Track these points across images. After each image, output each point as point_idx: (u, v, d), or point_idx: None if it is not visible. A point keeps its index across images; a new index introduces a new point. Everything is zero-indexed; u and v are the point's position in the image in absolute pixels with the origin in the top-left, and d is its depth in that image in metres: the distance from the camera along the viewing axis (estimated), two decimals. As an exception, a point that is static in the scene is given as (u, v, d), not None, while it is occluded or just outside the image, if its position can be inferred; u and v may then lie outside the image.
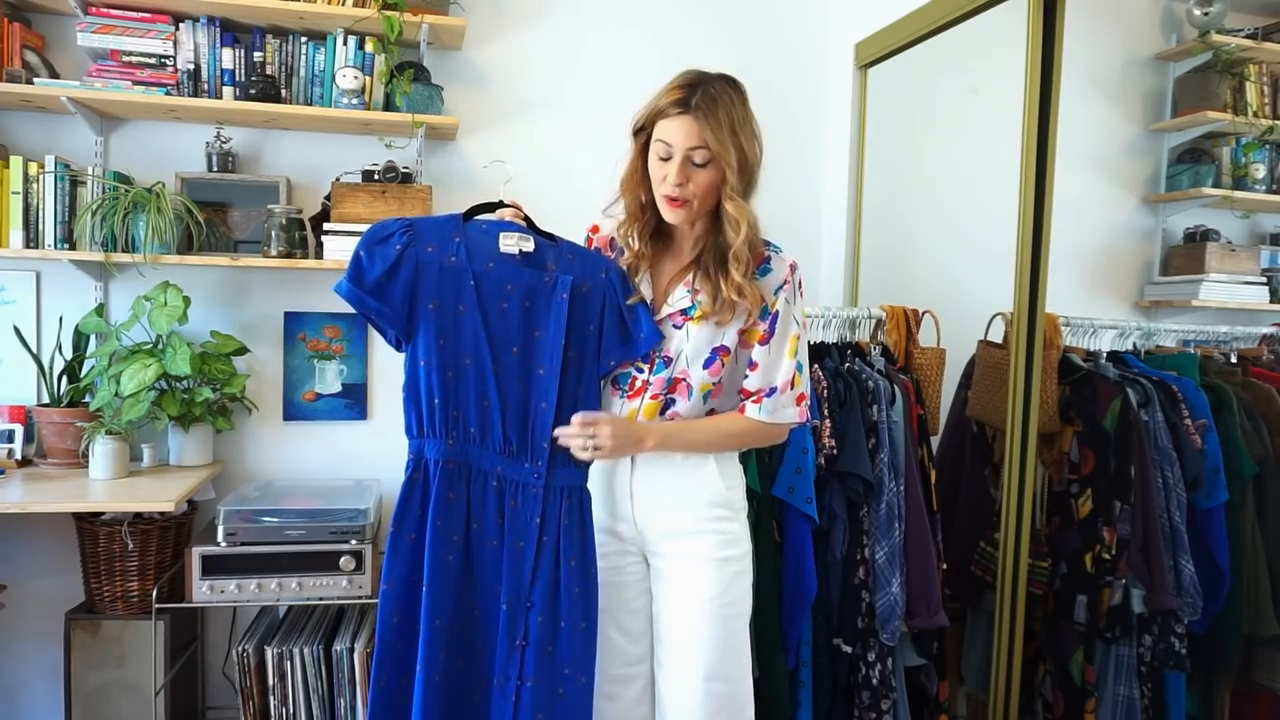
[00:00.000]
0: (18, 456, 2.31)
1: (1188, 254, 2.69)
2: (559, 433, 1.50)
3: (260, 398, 2.54)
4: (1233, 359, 2.39)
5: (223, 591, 2.11)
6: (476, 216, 1.56)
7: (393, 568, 1.49)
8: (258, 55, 2.40)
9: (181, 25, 2.34)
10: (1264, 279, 2.68)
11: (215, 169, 2.41)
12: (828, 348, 2.24)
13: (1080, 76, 2.56)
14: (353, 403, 2.60)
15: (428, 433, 1.50)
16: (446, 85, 2.52)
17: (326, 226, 2.34)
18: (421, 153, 2.53)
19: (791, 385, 1.55)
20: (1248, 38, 2.63)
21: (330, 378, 2.59)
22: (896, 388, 2.12)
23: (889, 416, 2.08)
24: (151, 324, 2.26)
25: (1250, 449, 2.18)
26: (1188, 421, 2.15)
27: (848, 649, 2.05)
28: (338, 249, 2.32)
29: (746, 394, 1.56)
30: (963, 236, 2.60)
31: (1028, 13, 1.96)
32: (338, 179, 2.38)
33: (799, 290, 1.58)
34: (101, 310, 2.40)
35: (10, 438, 2.32)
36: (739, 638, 1.58)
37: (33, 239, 2.23)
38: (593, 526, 1.56)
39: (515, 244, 1.52)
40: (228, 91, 2.38)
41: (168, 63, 2.32)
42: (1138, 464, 2.05)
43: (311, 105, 2.41)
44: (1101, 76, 2.71)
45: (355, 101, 2.37)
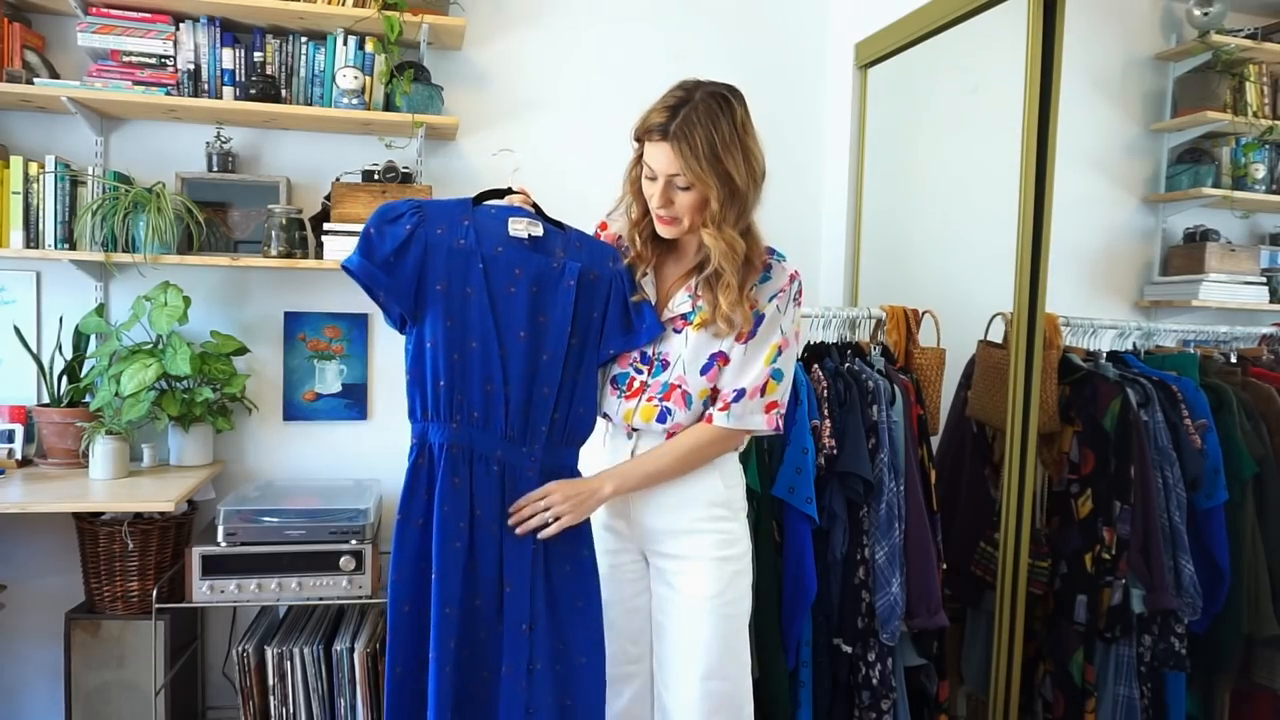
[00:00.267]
0: (18, 456, 2.31)
1: (1188, 254, 2.69)
2: (515, 523, 1.49)
3: (260, 398, 2.54)
4: (1232, 359, 2.39)
5: (223, 591, 2.11)
6: (485, 202, 1.56)
7: (401, 555, 1.47)
8: (258, 55, 2.40)
9: (181, 25, 2.35)
10: (1264, 279, 2.69)
11: (215, 169, 2.41)
12: (828, 348, 2.24)
13: (1080, 76, 2.57)
14: (353, 403, 2.60)
15: (432, 416, 1.48)
16: (446, 85, 2.52)
17: (326, 226, 2.34)
18: (421, 153, 2.53)
19: (762, 392, 1.52)
20: (1248, 38, 2.63)
21: (330, 378, 2.59)
22: (896, 388, 2.12)
23: (889, 416, 2.08)
24: (151, 324, 2.26)
25: (1250, 449, 2.18)
26: (1187, 421, 2.15)
27: (848, 649, 2.05)
28: (338, 249, 2.31)
29: (715, 394, 1.54)
30: (963, 236, 2.60)
31: (1028, 13, 1.96)
32: (338, 179, 2.38)
33: (795, 300, 1.56)
34: (101, 310, 2.40)
35: (10, 438, 2.32)
36: (738, 637, 1.58)
37: (33, 239, 2.23)
38: None
39: (524, 229, 1.52)
40: (228, 91, 2.38)
41: (168, 63, 2.32)
42: (1138, 464, 2.05)
43: (311, 105, 2.41)
44: (1101, 76, 2.71)
45: (355, 101, 2.37)
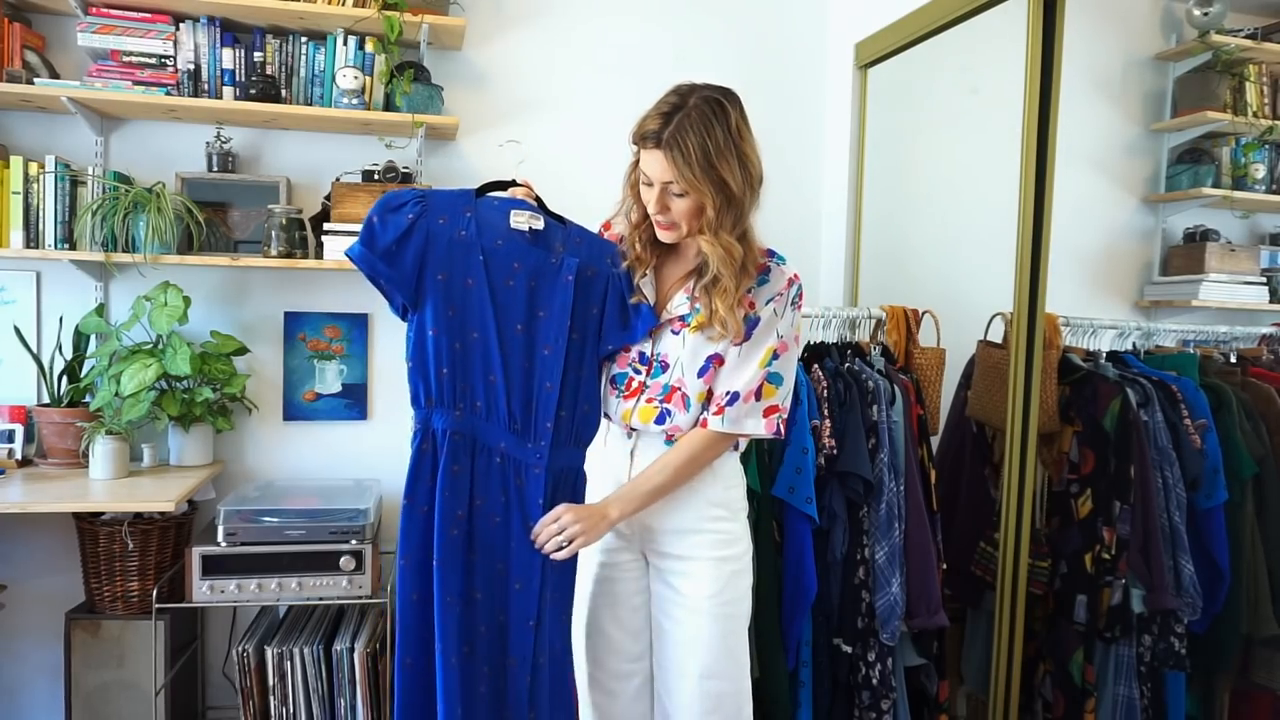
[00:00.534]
0: (18, 456, 2.31)
1: (1187, 254, 2.69)
2: (537, 539, 1.50)
3: (260, 398, 2.54)
4: (1232, 359, 2.39)
5: (223, 591, 2.11)
6: (489, 194, 1.57)
7: (408, 541, 1.48)
8: (258, 55, 2.40)
9: (181, 25, 2.35)
10: (1263, 279, 2.68)
11: (215, 169, 2.41)
12: (828, 348, 2.24)
13: (1080, 76, 2.57)
14: (353, 403, 2.60)
15: (435, 403, 1.49)
16: (446, 85, 2.52)
17: (326, 226, 2.34)
18: (421, 153, 2.53)
19: (758, 395, 1.51)
20: (1247, 38, 2.63)
21: (330, 378, 2.59)
22: (896, 388, 2.12)
23: (889, 416, 2.08)
24: (151, 324, 2.26)
25: (1250, 449, 2.18)
26: (1187, 421, 2.15)
27: (848, 649, 2.05)
28: (338, 249, 2.31)
29: (710, 398, 1.54)
30: (963, 236, 2.60)
31: (1028, 13, 1.96)
32: (338, 179, 2.38)
33: (794, 304, 1.55)
34: (102, 310, 2.40)
35: (10, 438, 2.32)
36: (737, 637, 1.58)
37: (33, 239, 2.23)
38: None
39: (526, 221, 1.53)
40: (228, 91, 2.38)
41: (168, 63, 2.32)
42: (1137, 464, 2.05)
43: (311, 105, 2.41)
44: (1101, 76, 2.71)
45: (355, 101, 2.37)
